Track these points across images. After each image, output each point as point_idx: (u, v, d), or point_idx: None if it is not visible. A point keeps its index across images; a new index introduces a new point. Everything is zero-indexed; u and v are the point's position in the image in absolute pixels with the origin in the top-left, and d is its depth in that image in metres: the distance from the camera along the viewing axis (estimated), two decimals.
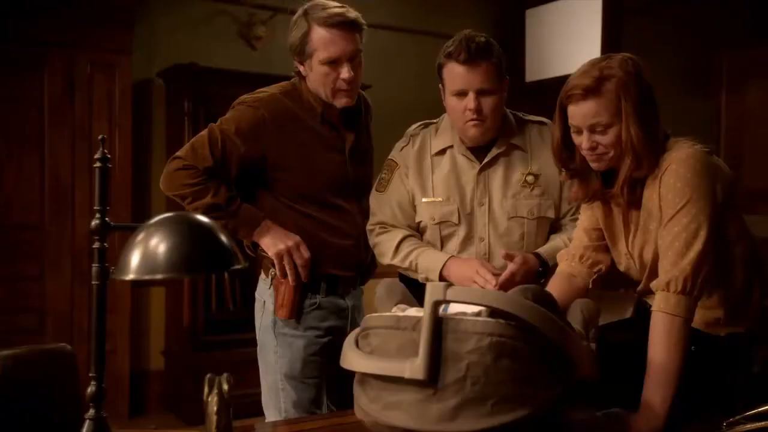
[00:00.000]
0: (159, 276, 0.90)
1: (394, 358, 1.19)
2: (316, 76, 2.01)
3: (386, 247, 2.00)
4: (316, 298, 2.07)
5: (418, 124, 2.10)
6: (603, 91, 1.50)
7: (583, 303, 1.50)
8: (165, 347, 4.13)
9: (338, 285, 2.09)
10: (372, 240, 2.05)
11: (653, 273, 1.59)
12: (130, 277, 0.93)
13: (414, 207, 2.02)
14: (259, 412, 3.94)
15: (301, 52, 2.02)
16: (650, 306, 1.52)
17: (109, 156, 1.16)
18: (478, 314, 1.19)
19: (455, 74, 1.88)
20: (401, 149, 2.06)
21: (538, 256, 1.90)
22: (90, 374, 1.16)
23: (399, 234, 2.00)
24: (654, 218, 1.56)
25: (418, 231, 2.04)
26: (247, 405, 3.91)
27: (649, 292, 1.61)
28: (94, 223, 1.14)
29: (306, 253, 2.00)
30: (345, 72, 1.97)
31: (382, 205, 2.05)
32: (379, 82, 4.47)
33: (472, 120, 1.89)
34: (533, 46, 5.08)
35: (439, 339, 1.16)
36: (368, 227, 2.07)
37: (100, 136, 1.17)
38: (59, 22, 3.65)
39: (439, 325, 1.17)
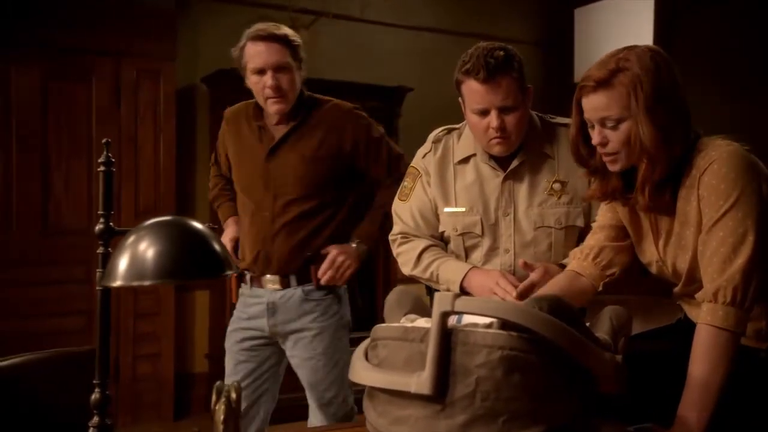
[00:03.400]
0: (147, 282, 0.88)
1: (401, 371, 1.14)
2: (251, 86, 2.22)
3: (408, 257, 1.95)
4: (242, 287, 2.34)
5: (441, 129, 2.04)
6: (614, 83, 1.41)
7: (613, 310, 1.41)
8: (209, 350, 4.17)
9: (252, 278, 2.30)
10: (394, 249, 2.01)
11: (690, 280, 1.50)
12: (117, 283, 0.91)
13: (437, 216, 1.96)
14: (298, 416, 3.94)
15: (241, 67, 2.25)
16: (685, 315, 1.44)
17: (113, 160, 1.15)
18: (489, 326, 1.13)
19: (475, 92, 1.80)
20: (423, 156, 2.00)
21: (562, 267, 1.82)
22: (94, 381, 1.15)
23: (421, 244, 1.94)
24: (691, 224, 1.46)
25: (441, 240, 1.98)
26: (286, 409, 3.93)
27: (686, 296, 1.51)
28: (98, 227, 1.13)
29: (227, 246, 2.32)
30: (269, 80, 2.15)
31: (404, 214, 2.00)
32: (422, 85, 4.43)
33: (496, 138, 1.82)
34: (582, 45, 4.95)
35: (448, 352, 1.11)
36: (390, 237, 2.03)
37: (104, 140, 1.16)
38: (106, 31, 3.73)
39: (447, 337, 1.11)
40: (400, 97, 4.31)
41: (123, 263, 0.91)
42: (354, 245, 2.24)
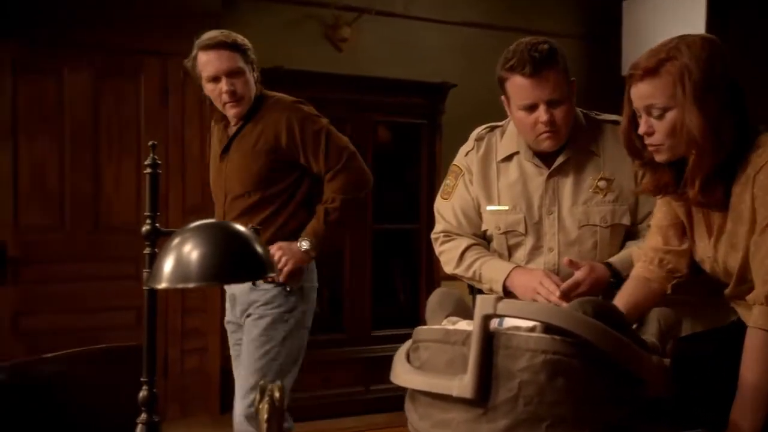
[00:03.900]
0: (191, 284, 0.90)
1: (443, 374, 1.14)
2: (208, 94, 2.31)
3: (450, 256, 1.94)
4: None
5: (484, 127, 2.02)
6: (661, 72, 1.37)
7: (661, 312, 1.39)
8: None
9: None
10: (437, 248, 2.00)
11: (741, 280, 1.45)
12: (163, 285, 0.93)
13: (479, 214, 1.95)
14: (343, 413, 3.97)
15: (197, 77, 2.31)
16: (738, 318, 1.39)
17: (159, 162, 1.17)
18: (532, 329, 1.12)
19: (521, 88, 1.78)
20: (466, 154, 1.99)
21: (609, 265, 1.78)
22: (141, 379, 1.17)
23: (463, 243, 1.93)
24: (744, 223, 1.41)
25: (484, 239, 1.96)
26: (332, 405, 3.96)
27: (737, 298, 1.47)
28: (145, 228, 1.15)
29: None
30: (224, 86, 2.23)
31: (446, 212, 1.99)
32: (466, 81, 4.40)
33: (545, 133, 1.79)
34: (630, 38, 4.83)
35: (490, 355, 1.10)
36: (433, 235, 2.02)
37: (150, 143, 1.18)
38: (154, 31, 3.80)
39: (489, 340, 1.10)
40: (444, 93, 4.28)
41: (168, 265, 0.93)
42: (298, 243, 2.26)
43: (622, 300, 1.50)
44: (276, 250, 2.23)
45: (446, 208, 1.99)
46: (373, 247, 4.21)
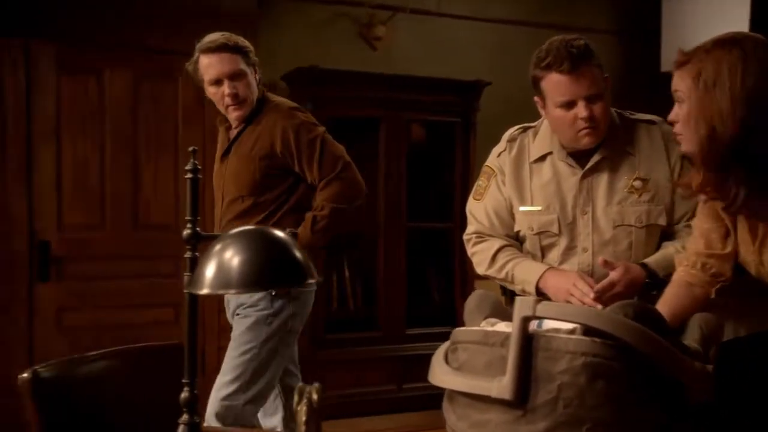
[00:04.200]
0: (232, 291, 0.91)
1: (482, 376, 1.14)
2: (211, 97, 2.32)
3: (483, 257, 1.94)
4: None
5: (516, 127, 2.01)
6: (691, 62, 1.38)
7: (703, 318, 1.37)
8: None
9: None
10: (469, 249, 1.99)
11: None
12: (205, 291, 0.94)
13: (512, 215, 1.94)
14: (375, 411, 3.98)
15: (198, 80, 2.33)
16: None
17: (199, 167, 1.19)
18: (572, 332, 1.11)
19: (559, 85, 1.77)
20: (498, 155, 1.99)
21: (644, 266, 1.76)
22: (183, 380, 1.19)
23: (496, 244, 1.93)
24: None
25: (516, 240, 1.96)
26: (365, 403, 3.98)
27: None
28: (186, 233, 1.17)
29: None
30: (226, 89, 2.24)
31: (478, 213, 1.98)
32: (500, 78, 4.37)
33: (585, 128, 1.78)
34: (670, 33, 4.74)
35: (529, 357, 1.10)
36: (465, 236, 2.02)
37: (190, 148, 1.20)
38: (191, 32, 3.82)
39: (528, 342, 1.10)
40: (478, 91, 4.26)
41: (210, 272, 0.94)
42: None
43: (664, 305, 1.48)
44: None
45: (478, 209, 1.99)
46: (407, 246, 4.22)
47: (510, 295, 1.98)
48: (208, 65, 2.26)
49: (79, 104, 3.70)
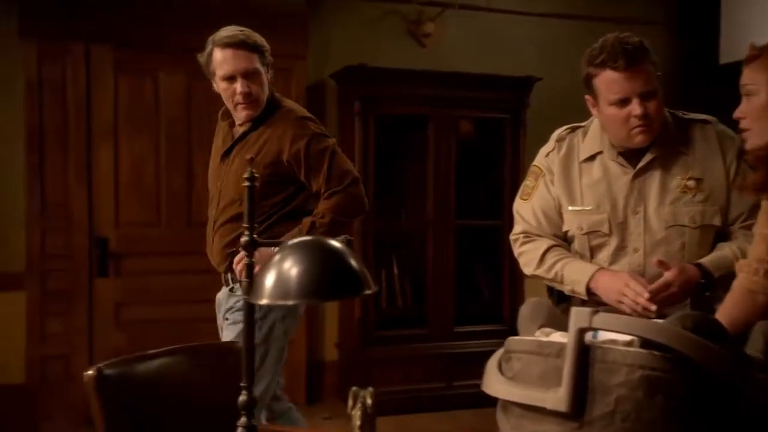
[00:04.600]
0: (290, 302, 0.93)
1: (536, 386, 1.13)
2: (220, 92, 2.25)
3: (531, 257, 1.92)
4: None
5: (565, 127, 1.99)
6: (764, 55, 1.35)
7: (767, 326, 1.33)
8: (339, 340, 4.30)
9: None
10: (516, 249, 1.98)
11: None
12: (264, 301, 0.96)
13: (560, 215, 1.92)
14: (424, 408, 3.99)
15: (209, 73, 2.27)
16: None
17: (257, 176, 1.22)
18: (630, 344, 1.10)
19: (613, 82, 1.75)
20: (546, 155, 1.97)
21: (699, 266, 1.72)
22: (241, 384, 1.22)
23: (544, 243, 1.91)
24: None
25: (565, 240, 1.94)
26: (413, 400, 3.99)
27: None
28: (243, 239, 1.20)
29: None
30: (239, 87, 2.18)
31: (526, 213, 1.96)
32: (551, 74, 4.31)
33: (639, 126, 1.76)
34: (730, 23, 4.60)
35: (585, 369, 1.08)
36: (512, 236, 2.00)
37: (248, 156, 1.22)
38: None
39: (585, 353, 1.09)
40: (528, 87, 4.21)
41: (269, 282, 0.96)
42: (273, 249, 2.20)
43: (724, 314, 1.45)
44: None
45: (526, 209, 1.97)
46: (456, 243, 4.21)
47: (557, 296, 1.97)
48: (223, 60, 2.20)
49: (136, 105, 3.81)
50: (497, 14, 4.50)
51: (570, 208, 1.89)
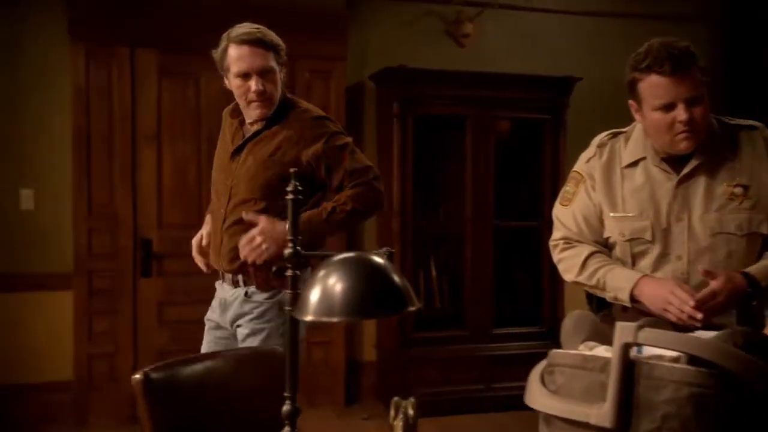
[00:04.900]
0: (335, 319, 0.94)
1: (580, 401, 1.12)
2: (233, 89, 2.21)
3: (571, 263, 1.89)
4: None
5: (606, 133, 1.96)
6: None
7: None
8: (377, 341, 4.32)
9: (221, 274, 2.33)
10: (555, 256, 1.96)
11: None
12: (309, 318, 0.97)
13: (601, 221, 1.90)
14: (464, 410, 3.98)
15: (222, 68, 2.23)
16: None
17: (300, 188, 1.23)
18: (677, 360, 1.08)
19: (658, 87, 1.72)
20: (587, 160, 1.94)
21: (746, 275, 1.69)
22: (285, 394, 1.23)
23: (585, 250, 1.88)
24: None
25: (605, 247, 1.91)
26: (453, 402, 3.98)
27: None
28: (287, 252, 1.21)
29: (199, 248, 2.46)
30: (254, 84, 2.14)
31: (566, 219, 1.94)
32: (591, 73, 4.26)
33: (684, 132, 1.73)
34: None
35: (630, 385, 1.07)
36: (551, 242, 1.98)
37: (291, 170, 1.24)
38: (282, 35, 3.91)
39: (630, 369, 1.07)
40: (569, 87, 4.17)
41: (314, 298, 0.97)
42: (286, 227, 2.12)
43: None
44: (259, 235, 2.08)
45: (566, 215, 1.95)
46: (494, 245, 4.18)
47: (596, 303, 1.94)
48: (239, 57, 2.16)
49: (179, 108, 3.87)
50: (537, 13, 4.47)
51: (612, 214, 1.87)
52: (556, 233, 1.98)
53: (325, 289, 0.96)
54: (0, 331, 3.72)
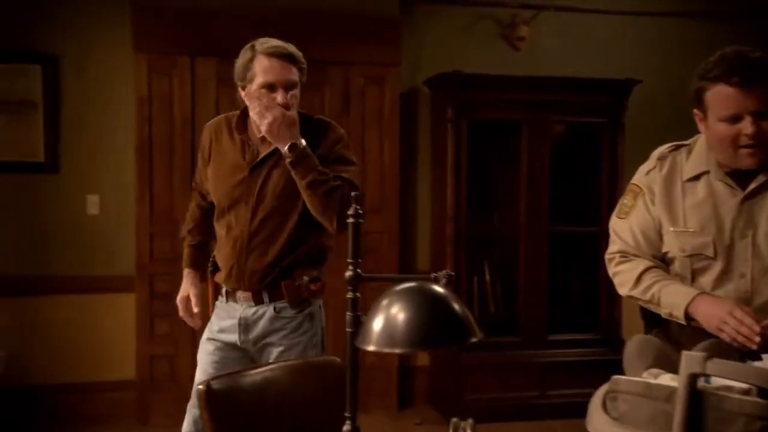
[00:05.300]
0: (397, 350, 0.95)
1: (644, 430, 1.10)
2: (250, 99, 2.15)
3: (627, 277, 1.86)
4: (219, 300, 2.32)
5: (667, 146, 1.91)
6: None
7: None
8: None
9: (228, 293, 2.27)
10: (611, 269, 1.92)
11: None
12: (371, 348, 0.98)
13: (660, 236, 1.85)
14: (518, 417, 3.94)
15: (243, 78, 2.19)
16: None
17: (361, 212, 1.24)
18: (747, 392, 1.05)
19: (726, 98, 1.67)
20: (647, 173, 1.90)
21: None
22: (345, 414, 1.25)
23: (641, 264, 1.84)
24: None
25: (663, 262, 1.87)
26: (507, 408, 3.95)
27: None
28: (348, 274, 1.23)
29: (190, 309, 2.35)
30: (280, 97, 2.11)
31: (623, 232, 1.91)
32: (651, 76, 4.17)
33: (749, 147, 1.67)
34: None
35: (698, 416, 1.05)
36: (607, 255, 1.95)
37: (353, 193, 1.25)
38: (338, 42, 3.98)
39: (697, 400, 1.05)
40: (628, 90, 4.07)
41: (377, 328, 0.98)
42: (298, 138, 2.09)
43: None
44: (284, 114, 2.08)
45: (623, 228, 1.92)
46: (549, 249, 4.13)
47: (651, 319, 1.90)
48: (269, 68, 2.15)
49: None
50: (594, 15, 4.38)
51: (671, 229, 1.83)
52: (613, 246, 1.94)
53: (388, 318, 0.97)
54: (67, 331, 3.86)
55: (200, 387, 1.64)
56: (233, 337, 2.25)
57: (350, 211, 1.24)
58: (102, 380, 3.89)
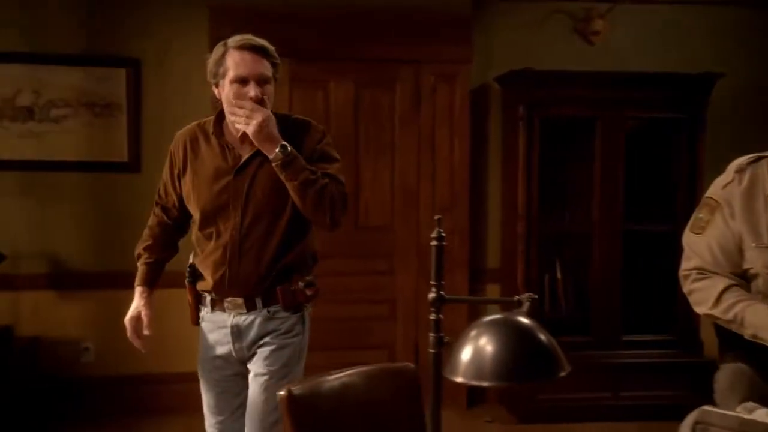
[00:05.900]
0: (485, 384, 0.96)
1: None
2: (224, 96, 2.11)
3: (705, 295, 1.81)
4: (202, 311, 2.25)
5: (746, 157, 1.84)
6: None
7: None
8: None
9: (215, 302, 2.20)
10: (687, 286, 1.87)
11: None
12: (460, 380, 1.00)
13: (741, 252, 1.79)
14: (590, 418, 3.89)
15: (216, 74, 2.14)
16: None
17: (444, 235, 1.25)
18: None
19: None
20: (723, 186, 1.84)
21: None
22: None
23: (721, 282, 1.79)
24: None
25: (743, 278, 1.80)
26: (579, 409, 3.90)
27: None
28: (431, 296, 1.24)
29: (139, 330, 2.26)
30: (252, 90, 2.06)
31: (699, 248, 1.85)
32: (735, 68, 4.00)
33: None
34: None
35: None
36: (682, 272, 1.89)
37: (436, 217, 1.26)
38: (408, 40, 3.98)
39: None
40: (709, 84, 3.93)
41: (465, 359, 0.99)
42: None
43: None
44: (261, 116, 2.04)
45: (700, 244, 1.85)
46: (623, 247, 4.04)
47: (728, 339, 1.83)
48: (241, 61, 2.08)
49: (308, 113, 3.96)
50: (672, 6, 4.24)
51: (754, 244, 1.76)
52: (688, 263, 1.89)
53: (476, 350, 0.98)
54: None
55: (282, 393, 1.69)
56: (226, 348, 2.20)
57: (434, 234, 1.25)
58: (172, 371, 4.01)
